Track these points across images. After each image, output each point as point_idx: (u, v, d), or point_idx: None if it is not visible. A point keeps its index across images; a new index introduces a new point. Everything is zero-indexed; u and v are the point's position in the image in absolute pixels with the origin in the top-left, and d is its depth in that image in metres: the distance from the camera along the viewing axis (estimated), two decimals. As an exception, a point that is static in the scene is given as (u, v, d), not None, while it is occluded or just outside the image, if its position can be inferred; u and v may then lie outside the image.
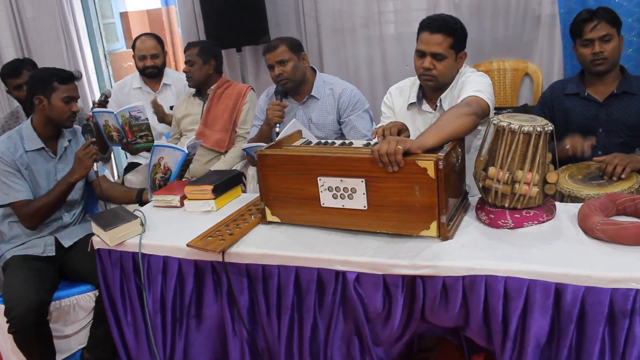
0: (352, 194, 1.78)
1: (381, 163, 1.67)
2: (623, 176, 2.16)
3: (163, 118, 3.70)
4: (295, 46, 2.86)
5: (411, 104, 2.37)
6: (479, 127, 2.08)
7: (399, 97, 2.43)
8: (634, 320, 1.43)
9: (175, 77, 3.84)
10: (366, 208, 1.78)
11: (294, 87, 2.89)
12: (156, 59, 3.68)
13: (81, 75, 3.03)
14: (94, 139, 2.57)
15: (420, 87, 2.34)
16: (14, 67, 3.32)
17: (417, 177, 1.66)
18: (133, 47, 3.73)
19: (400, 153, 1.64)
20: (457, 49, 2.20)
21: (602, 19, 2.41)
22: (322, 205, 1.85)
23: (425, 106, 2.34)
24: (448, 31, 2.15)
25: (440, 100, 2.27)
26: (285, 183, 1.89)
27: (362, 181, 1.74)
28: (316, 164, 1.81)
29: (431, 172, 1.63)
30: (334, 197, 1.82)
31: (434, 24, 2.16)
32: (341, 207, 1.82)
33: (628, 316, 1.43)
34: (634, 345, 1.43)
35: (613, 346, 1.47)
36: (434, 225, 1.72)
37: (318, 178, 1.81)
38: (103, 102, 3.43)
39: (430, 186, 1.65)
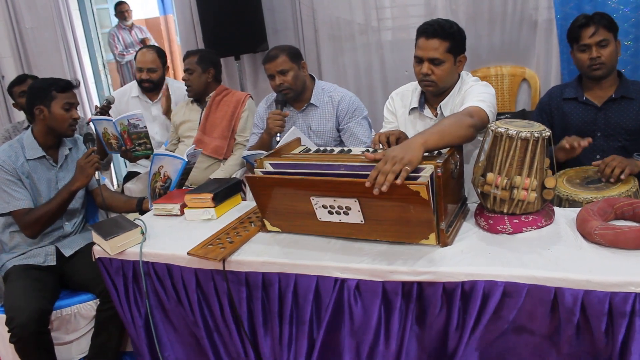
0: (347, 210, 1.74)
1: (370, 182, 1.59)
2: (622, 177, 2.16)
3: (167, 112, 3.70)
4: (295, 55, 2.87)
5: (413, 109, 2.38)
6: (479, 137, 2.09)
7: (400, 102, 2.44)
8: (633, 322, 1.44)
9: (175, 86, 3.84)
10: (363, 222, 1.76)
11: (295, 96, 2.90)
12: (152, 73, 3.65)
13: (79, 83, 3.06)
14: (95, 148, 2.59)
15: (422, 92, 2.35)
16: (18, 77, 3.60)
17: (410, 198, 1.59)
18: (135, 58, 3.76)
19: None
20: (455, 52, 2.20)
21: (598, 25, 2.42)
22: (319, 220, 1.83)
23: (427, 111, 2.34)
24: (444, 35, 2.15)
25: (441, 107, 2.27)
26: (279, 201, 1.88)
27: (355, 201, 1.70)
28: (307, 186, 1.76)
29: (424, 195, 1.56)
30: (330, 212, 1.79)
31: (429, 30, 2.16)
32: (338, 221, 1.80)
33: (627, 318, 1.44)
34: (633, 346, 1.44)
35: (611, 345, 1.48)
36: (432, 235, 1.71)
37: (311, 198, 1.77)
38: (106, 108, 3.46)
39: (424, 206, 1.60)
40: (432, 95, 2.31)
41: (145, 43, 7.46)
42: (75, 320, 2.49)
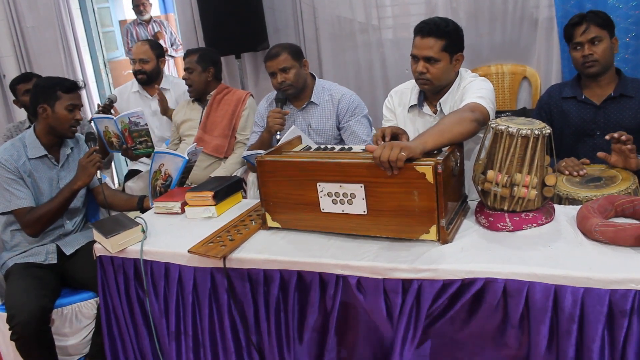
0: (352, 199, 1.77)
1: (381, 166, 1.66)
2: (629, 146, 2.18)
3: (165, 111, 3.70)
4: (297, 53, 2.87)
5: (412, 107, 2.38)
6: (479, 134, 2.09)
7: (399, 100, 2.45)
8: (632, 320, 1.44)
9: (174, 82, 3.85)
10: (366, 213, 1.78)
11: (295, 94, 2.91)
12: (145, 64, 3.69)
13: (85, 84, 3.07)
14: (97, 147, 2.59)
15: (421, 89, 2.36)
16: (24, 75, 3.58)
17: (415, 182, 1.65)
18: None
19: (403, 160, 1.62)
20: (451, 51, 2.20)
21: (590, 22, 2.45)
22: (322, 211, 1.85)
23: (426, 109, 2.35)
24: (439, 34, 2.16)
25: (440, 104, 2.28)
26: (285, 189, 1.90)
27: (361, 186, 1.74)
28: (315, 169, 1.81)
29: (430, 177, 1.63)
30: (334, 202, 1.82)
31: (425, 28, 2.18)
32: (341, 212, 1.82)
33: (627, 316, 1.44)
34: (632, 343, 1.44)
35: (612, 344, 1.48)
36: (433, 229, 1.72)
37: (317, 184, 1.81)
38: (108, 106, 3.47)
39: (429, 191, 1.65)
40: (431, 93, 2.31)
41: (158, 38, 6.53)
42: (77, 319, 2.50)
